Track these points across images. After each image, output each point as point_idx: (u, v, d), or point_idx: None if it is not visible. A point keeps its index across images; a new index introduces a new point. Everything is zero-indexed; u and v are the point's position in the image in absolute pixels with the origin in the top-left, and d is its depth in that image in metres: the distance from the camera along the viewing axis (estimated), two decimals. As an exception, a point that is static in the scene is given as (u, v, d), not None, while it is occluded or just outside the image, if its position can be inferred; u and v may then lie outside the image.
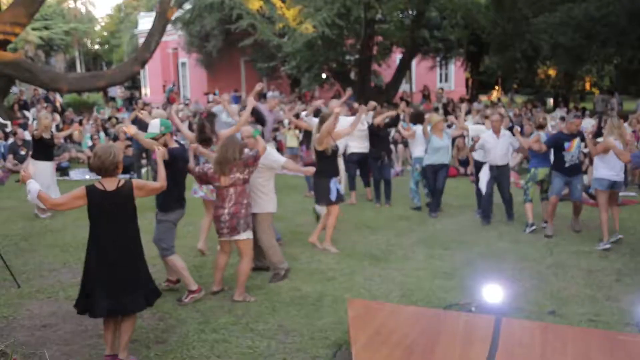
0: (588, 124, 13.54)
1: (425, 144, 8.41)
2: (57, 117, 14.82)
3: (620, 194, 8.41)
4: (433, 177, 8.41)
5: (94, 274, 4.02)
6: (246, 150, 5.35)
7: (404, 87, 23.01)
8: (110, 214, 3.99)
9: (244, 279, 5.33)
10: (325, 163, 6.63)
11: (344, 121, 7.86)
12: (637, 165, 6.92)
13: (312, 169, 6.13)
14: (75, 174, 12.15)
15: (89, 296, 4.04)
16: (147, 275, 4.27)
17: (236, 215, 5.17)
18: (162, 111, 10.31)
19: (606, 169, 6.79)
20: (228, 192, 5.19)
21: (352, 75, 20.62)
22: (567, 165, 7.22)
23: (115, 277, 4.00)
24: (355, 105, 11.50)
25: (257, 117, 7.95)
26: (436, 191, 8.43)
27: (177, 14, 12.18)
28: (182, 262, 5.36)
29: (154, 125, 5.20)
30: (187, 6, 14.38)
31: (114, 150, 4.04)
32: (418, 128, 8.66)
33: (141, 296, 4.15)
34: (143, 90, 30.57)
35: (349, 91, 9.46)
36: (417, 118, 9.02)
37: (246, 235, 5.28)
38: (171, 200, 5.16)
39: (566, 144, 7.21)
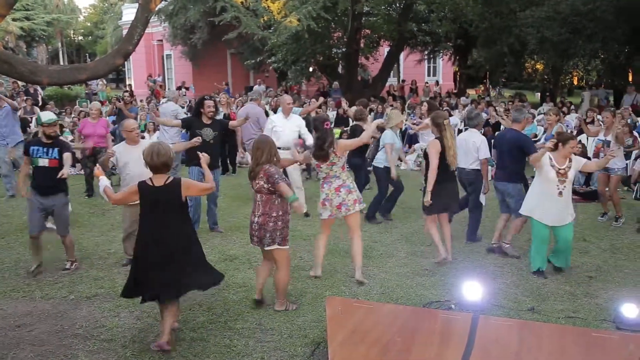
0: (572, 119, 13.61)
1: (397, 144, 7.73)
2: (37, 110, 14.65)
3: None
4: (390, 180, 7.74)
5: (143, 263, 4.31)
6: (272, 169, 4.82)
7: (391, 80, 22.99)
8: (156, 208, 4.28)
9: (283, 288, 5.01)
10: None
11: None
12: None
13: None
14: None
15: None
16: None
17: (263, 227, 4.81)
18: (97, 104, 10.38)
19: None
20: (256, 197, 4.90)
21: (340, 68, 20.54)
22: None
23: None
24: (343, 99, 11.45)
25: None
26: (398, 193, 7.91)
27: (161, 5, 12.04)
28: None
29: (52, 113, 6.15)
30: (172, -3, 14.27)
31: (165, 148, 4.32)
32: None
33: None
34: (127, 82, 30.28)
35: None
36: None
37: (276, 246, 4.88)
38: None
39: None
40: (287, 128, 7.84)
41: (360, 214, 5.88)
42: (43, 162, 5.82)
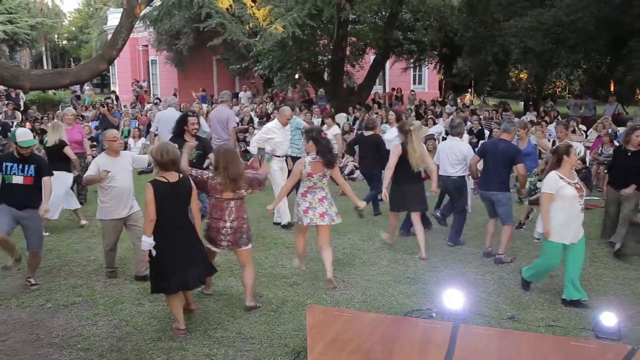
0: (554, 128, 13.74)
1: None
2: (19, 115, 14.48)
3: (585, 198, 8.54)
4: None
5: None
6: (250, 174, 5.18)
7: (376, 88, 23.07)
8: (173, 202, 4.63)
9: (254, 284, 5.27)
10: None
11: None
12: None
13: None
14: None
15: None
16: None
17: (239, 229, 5.03)
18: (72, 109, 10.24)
19: None
20: (229, 204, 5.00)
21: (325, 76, 20.57)
22: None
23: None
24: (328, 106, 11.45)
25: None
26: None
27: (145, 10, 11.95)
28: None
29: (29, 134, 5.58)
30: (157, 2, 14.09)
31: (173, 147, 4.74)
32: None
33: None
34: (112, 88, 30.08)
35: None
36: None
37: (250, 245, 5.20)
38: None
39: None
40: (285, 139, 8.07)
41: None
42: (17, 179, 5.47)
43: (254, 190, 5.14)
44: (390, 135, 8.43)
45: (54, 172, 7.39)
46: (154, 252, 4.58)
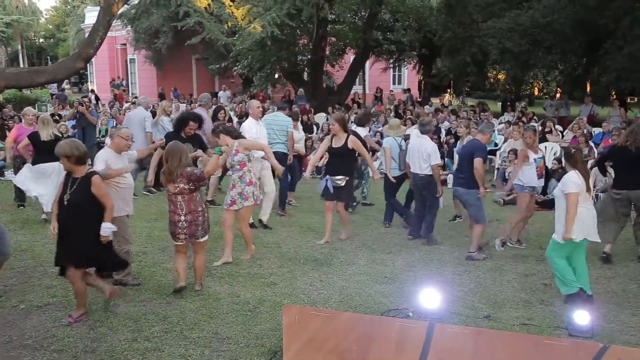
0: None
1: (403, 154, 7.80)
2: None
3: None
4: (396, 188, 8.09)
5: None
6: (189, 169, 5.30)
7: (356, 88, 23.16)
8: None
9: (202, 272, 5.65)
10: None
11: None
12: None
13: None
14: (10, 174, 11.62)
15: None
16: None
17: (194, 222, 5.32)
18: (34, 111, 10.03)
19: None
20: (176, 198, 5.30)
21: (305, 75, 20.60)
22: None
23: None
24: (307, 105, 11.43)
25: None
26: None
27: (123, 9, 11.84)
28: None
29: None
30: (135, 0, 13.97)
31: (78, 142, 4.93)
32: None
33: None
34: (90, 87, 29.70)
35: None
36: None
37: (204, 238, 5.50)
38: None
39: None
40: (262, 134, 7.73)
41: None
42: None
43: (196, 184, 5.29)
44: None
45: (49, 164, 7.31)
46: (111, 237, 4.87)
